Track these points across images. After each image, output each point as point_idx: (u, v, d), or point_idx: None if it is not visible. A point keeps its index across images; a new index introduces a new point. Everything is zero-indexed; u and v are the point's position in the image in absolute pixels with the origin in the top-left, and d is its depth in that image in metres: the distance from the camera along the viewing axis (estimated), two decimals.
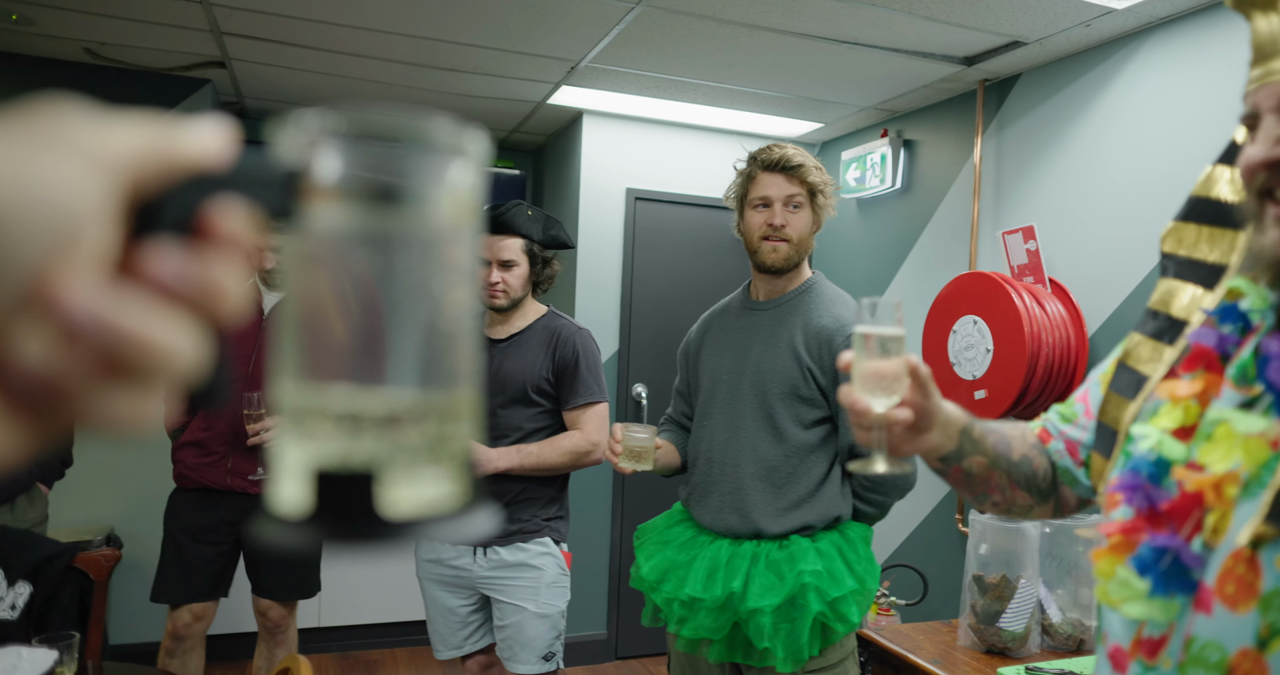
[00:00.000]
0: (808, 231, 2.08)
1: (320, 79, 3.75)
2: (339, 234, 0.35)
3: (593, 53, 3.30)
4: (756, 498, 2.00)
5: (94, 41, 3.39)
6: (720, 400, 2.11)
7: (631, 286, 4.15)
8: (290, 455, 0.35)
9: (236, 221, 0.33)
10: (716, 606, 1.94)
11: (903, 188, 3.85)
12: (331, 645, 4.16)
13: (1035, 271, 3.09)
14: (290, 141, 0.35)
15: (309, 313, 0.35)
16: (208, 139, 0.33)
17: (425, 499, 0.36)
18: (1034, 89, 3.26)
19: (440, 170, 0.36)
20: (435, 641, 2.66)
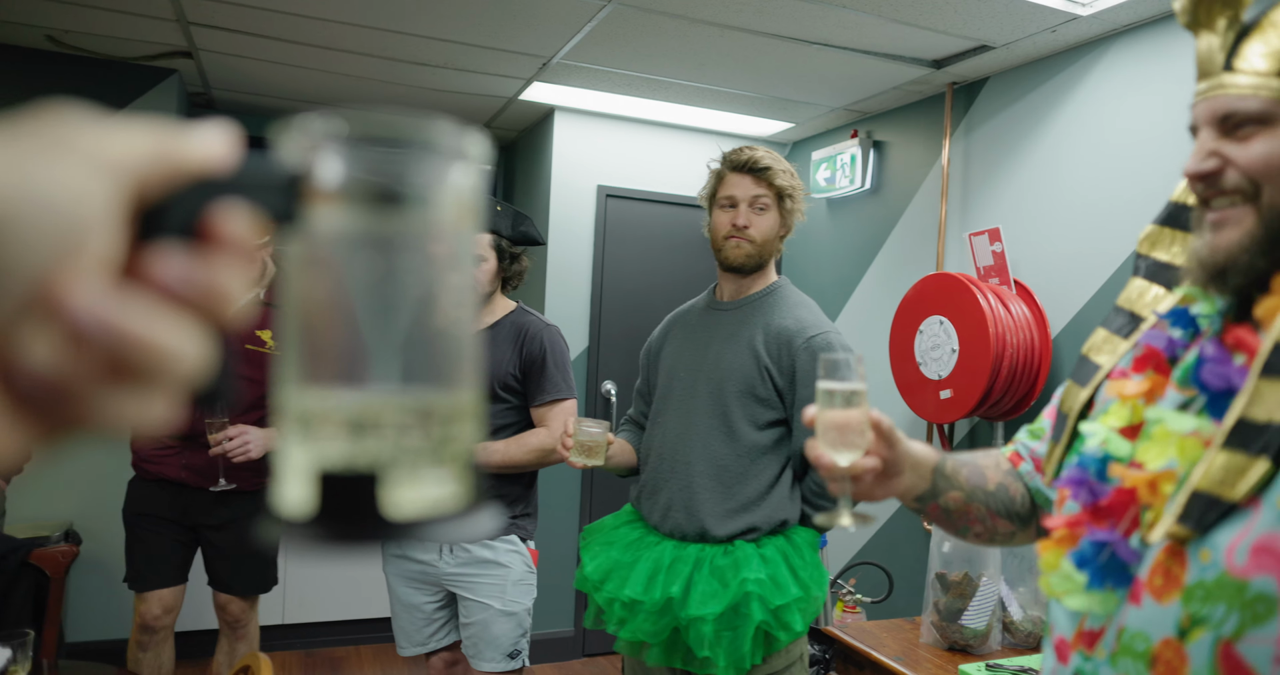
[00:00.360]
0: (773, 234, 2.08)
1: (289, 71, 3.71)
2: (342, 237, 0.35)
3: (565, 49, 3.30)
4: (705, 497, 1.99)
5: (57, 29, 3.33)
6: (676, 396, 2.11)
7: (602, 283, 4.15)
8: (294, 457, 0.35)
9: (240, 225, 0.33)
10: (656, 610, 1.93)
11: (872, 188, 3.88)
12: (296, 642, 4.12)
13: (1001, 273, 3.13)
14: (293, 145, 0.35)
15: (312, 316, 0.35)
16: (212, 143, 0.33)
17: (429, 499, 0.36)
18: (1001, 92, 3.30)
19: (442, 173, 0.36)
20: (399, 638, 2.65)
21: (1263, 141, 0.80)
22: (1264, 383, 0.75)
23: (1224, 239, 0.83)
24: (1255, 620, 0.69)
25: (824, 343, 1.98)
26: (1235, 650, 0.70)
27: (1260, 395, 0.74)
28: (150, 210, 0.32)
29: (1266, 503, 0.72)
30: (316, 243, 0.35)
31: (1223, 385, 0.82)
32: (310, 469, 0.35)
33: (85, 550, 3.54)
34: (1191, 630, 0.74)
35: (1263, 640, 0.69)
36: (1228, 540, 0.73)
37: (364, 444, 0.35)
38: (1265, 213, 0.80)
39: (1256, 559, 0.70)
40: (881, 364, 3.54)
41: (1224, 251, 0.83)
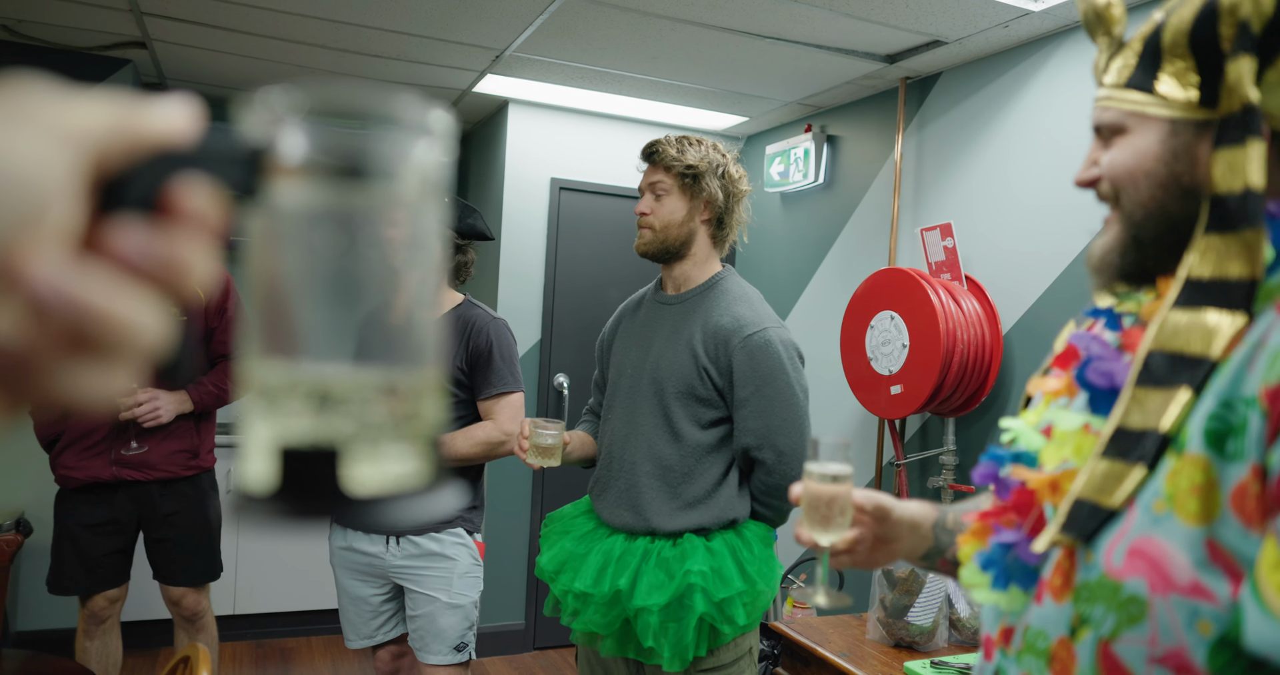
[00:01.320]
0: (675, 218, 2.02)
1: (242, 62, 3.67)
2: (304, 211, 0.35)
3: (517, 42, 3.26)
4: (651, 496, 1.97)
5: (11, 19, 3.29)
6: (622, 395, 2.09)
7: (555, 276, 4.13)
8: (257, 432, 0.35)
9: (201, 198, 0.33)
10: (605, 602, 1.92)
11: (825, 183, 3.89)
12: (247, 633, 4.10)
13: (952, 268, 3.14)
14: (255, 119, 0.34)
15: (274, 290, 0.35)
16: (173, 116, 0.33)
17: (391, 476, 0.36)
18: (954, 88, 3.31)
19: (405, 148, 0.36)
20: (347, 630, 2.63)
21: (1117, 150, 0.84)
22: (1140, 390, 0.76)
23: (1099, 241, 0.87)
24: (1130, 621, 0.70)
25: (761, 341, 1.94)
26: (1113, 650, 0.71)
27: (1137, 402, 0.76)
28: (110, 182, 0.32)
29: (1141, 505, 0.72)
30: (278, 217, 0.35)
31: (1107, 384, 0.84)
32: (272, 444, 0.35)
33: (35, 539, 3.52)
34: (1079, 630, 0.75)
35: (1136, 641, 0.70)
36: (1107, 542, 0.74)
37: (326, 419, 0.35)
38: (1124, 217, 0.84)
39: (1130, 561, 0.71)
40: (833, 360, 3.55)
41: (1097, 253, 0.87)
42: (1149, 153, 0.81)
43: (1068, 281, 2.83)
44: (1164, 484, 0.71)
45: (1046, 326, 2.89)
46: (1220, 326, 0.72)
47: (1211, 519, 0.67)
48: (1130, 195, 0.83)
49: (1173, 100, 0.80)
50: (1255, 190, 0.74)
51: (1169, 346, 0.75)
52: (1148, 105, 0.81)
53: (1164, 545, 0.69)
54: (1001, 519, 0.89)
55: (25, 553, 3.58)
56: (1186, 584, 0.67)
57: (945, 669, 2.24)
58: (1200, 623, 0.66)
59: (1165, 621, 0.68)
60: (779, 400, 1.92)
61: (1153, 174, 0.81)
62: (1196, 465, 0.69)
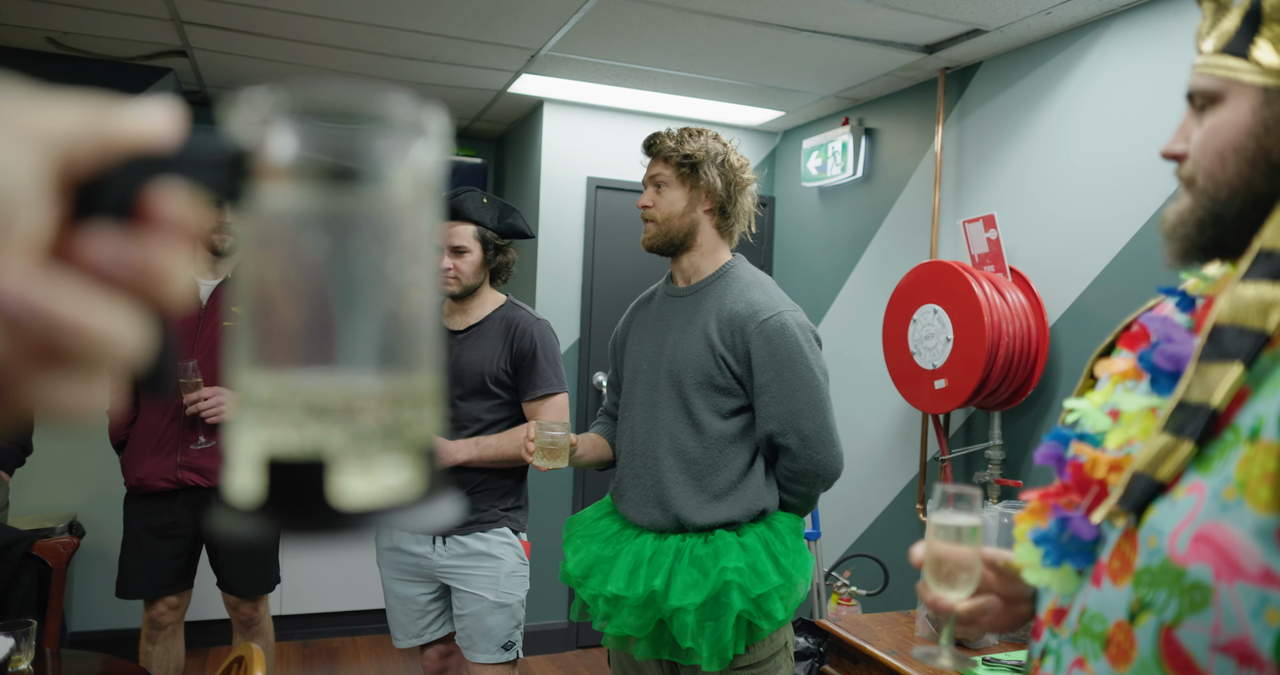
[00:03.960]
0: (676, 209, 2.01)
1: (280, 68, 3.71)
2: (293, 215, 0.34)
3: (552, 41, 3.27)
4: (677, 491, 1.95)
5: (56, 31, 3.35)
6: (640, 390, 2.07)
7: (593, 275, 4.13)
8: (245, 443, 0.34)
9: (180, 204, 0.32)
10: (639, 604, 1.90)
11: (864, 176, 3.85)
12: (294, 633, 4.14)
13: (996, 260, 3.10)
14: (242, 120, 0.33)
15: (262, 296, 0.34)
16: (152, 119, 0.32)
17: (383, 488, 0.35)
18: (995, 77, 3.26)
19: (398, 149, 0.35)
20: (394, 630, 2.65)
21: (1207, 127, 0.82)
22: (1203, 365, 0.75)
23: (1174, 207, 0.86)
24: (1193, 608, 0.70)
25: (777, 324, 1.92)
26: (1175, 636, 0.71)
27: (1199, 376, 0.75)
28: (83, 188, 0.31)
29: (1210, 491, 0.72)
30: (267, 221, 0.34)
31: (1172, 368, 0.83)
32: (260, 455, 0.34)
33: (89, 541, 3.59)
34: (1140, 614, 0.74)
35: (1200, 627, 0.69)
36: (1173, 526, 0.73)
37: (316, 429, 0.34)
38: (1203, 194, 0.82)
39: (1195, 547, 0.70)
40: (874, 354, 3.52)
41: (1171, 220, 0.85)
42: (1240, 126, 0.79)
43: (1116, 271, 2.78)
44: (1235, 471, 0.70)
45: (1094, 317, 2.84)
46: (1277, 299, 0.71)
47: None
48: (1216, 176, 0.80)
49: (1268, 67, 0.77)
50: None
51: (1234, 320, 0.74)
52: (1243, 72, 0.79)
53: (1232, 532, 0.68)
54: (1062, 499, 0.89)
55: (81, 555, 3.65)
56: (1257, 572, 0.66)
57: (997, 667, 2.21)
58: (1269, 611, 0.65)
59: (1230, 609, 0.67)
60: (799, 384, 1.90)
61: (1242, 150, 0.79)
62: (1270, 453, 0.68)
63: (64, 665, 2.21)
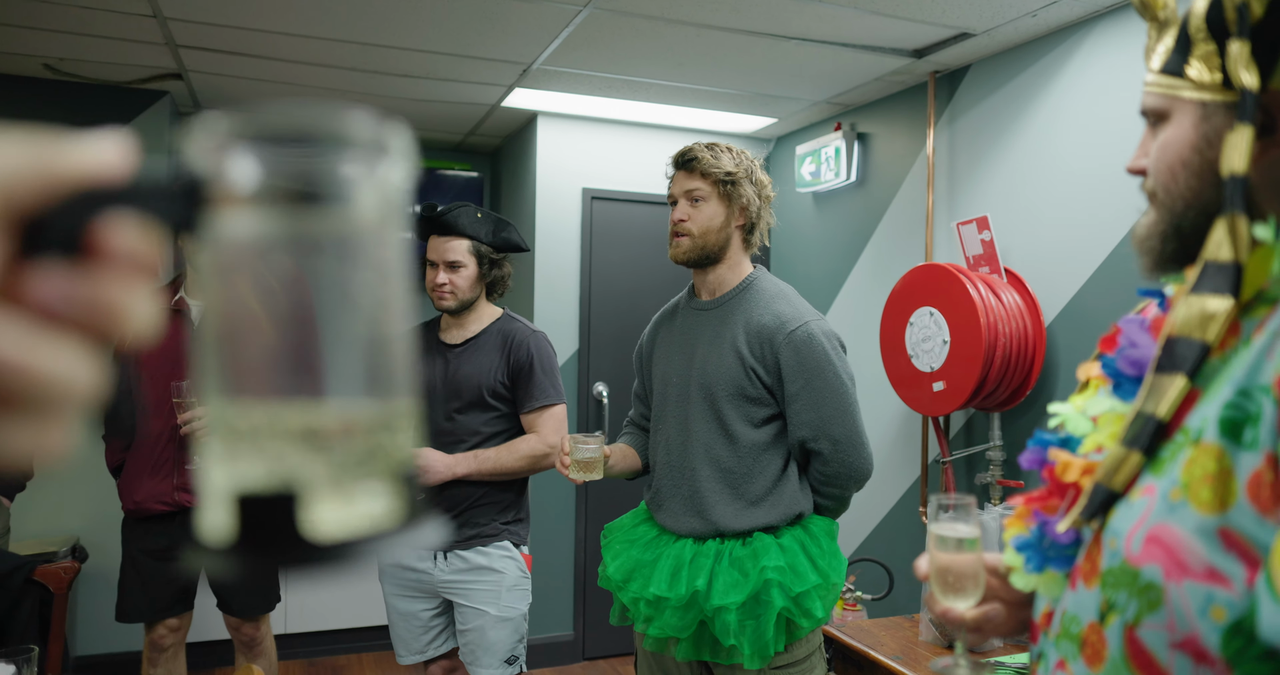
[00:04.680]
0: (714, 224, 2.04)
1: (275, 88, 3.73)
2: (255, 242, 0.33)
3: (544, 55, 3.28)
4: (714, 499, 1.99)
5: (53, 57, 3.39)
6: (672, 403, 2.10)
7: (590, 286, 4.14)
8: (215, 477, 0.33)
9: (132, 236, 0.31)
10: (681, 605, 1.93)
11: (858, 181, 3.86)
12: (299, 651, 4.14)
13: (991, 262, 3.11)
14: (197, 148, 0.33)
15: (227, 325, 0.33)
16: (100, 152, 0.31)
17: (359, 517, 0.34)
18: (984, 80, 3.28)
19: (360, 168, 0.34)
20: (398, 647, 2.65)
21: (1158, 143, 0.86)
22: (1157, 377, 0.77)
23: (1144, 220, 0.89)
24: (1149, 607, 0.71)
25: (804, 335, 1.96)
26: (1137, 636, 0.72)
27: (1154, 388, 0.77)
28: (30, 225, 0.30)
29: (1160, 493, 0.73)
30: (228, 249, 0.33)
31: (1136, 373, 0.85)
32: (230, 490, 0.33)
33: (92, 565, 3.59)
34: (1108, 615, 0.75)
35: (1157, 626, 0.70)
36: (1128, 528, 0.75)
37: (288, 459, 0.33)
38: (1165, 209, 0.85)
39: (1147, 548, 0.72)
40: (873, 358, 3.52)
41: (1141, 233, 0.88)
42: (1185, 141, 0.82)
43: (1110, 270, 2.79)
44: (1181, 472, 0.72)
45: (1090, 317, 2.84)
46: (1216, 310, 0.74)
47: (1227, 507, 0.67)
48: (1171, 190, 0.84)
49: (1201, 83, 0.81)
50: (1236, 175, 0.75)
51: (1182, 331, 0.76)
52: (1182, 89, 0.82)
53: (1179, 532, 0.70)
54: (1044, 504, 0.90)
55: (84, 578, 3.65)
56: (1201, 570, 0.67)
57: (1001, 669, 2.20)
58: (1214, 609, 0.66)
59: (1180, 608, 0.68)
60: (828, 391, 1.95)
61: (1189, 163, 0.82)
62: (1210, 454, 0.69)
63: None
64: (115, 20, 2.96)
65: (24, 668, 1.95)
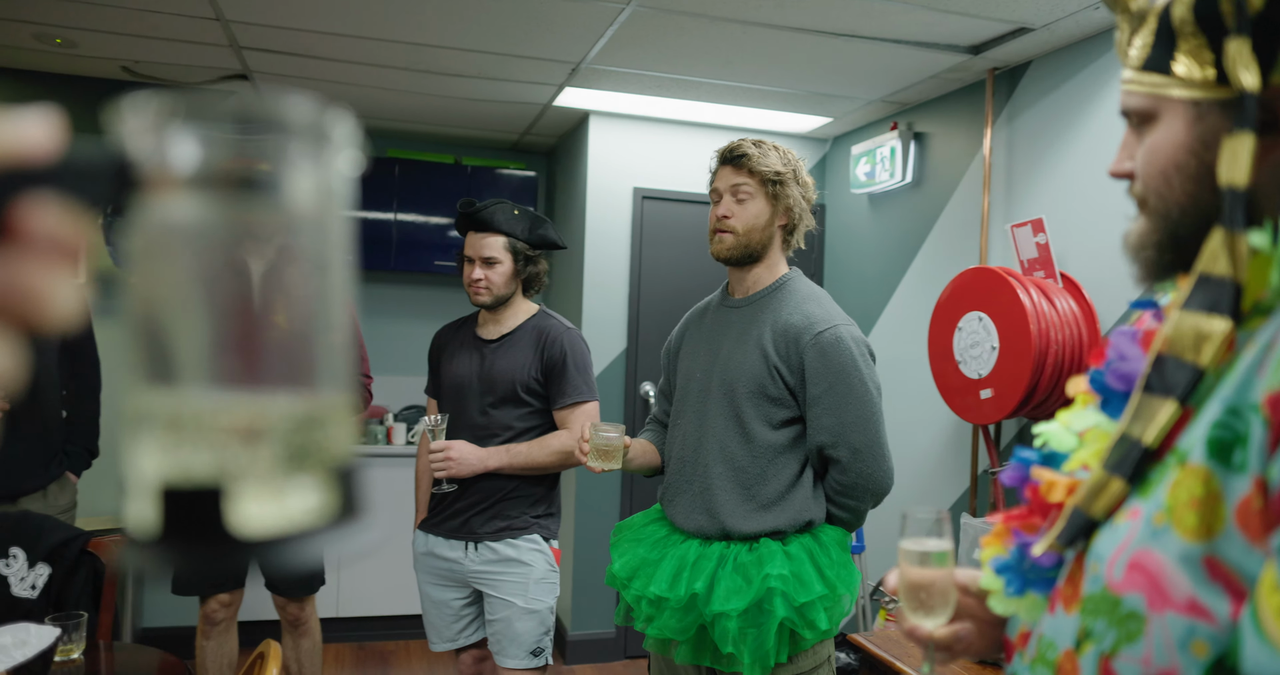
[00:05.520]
0: (759, 222, 2.02)
1: (336, 88, 3.84)
2: (185, 227, 0.32)
3: (591, 53, 3.30)
4: (725, 498, 1.96)
5: (130, 60, 3.56)
6: (692, 399, 2.08)
7: (639, 285, 4.14)
8: (139, 469, 0.32)
9: (54, 218, 0.30)
10: (681, 607, 1.91)
11: (914, 181, 3.78)
12: (349, 635, 4.25)
13: (1045, 265, 3.00)
14: (128, 128, 0.31)
15: (152, 312, 0.32)
16: (24, 130, 0.30)
17: (286, 513, 0.33)
18: (1045, 76, 3.17)
19: (299, 155, 0.33)
20: (430, 633, 2.70)
21: (1147, 145, 0.79)
22: (1145, 397, 0.72)
23: (1135, 227, 0.82)
24: (1128, 638, 0.67)
25: (832, 338, 1.92)
26: (1112, 667, 0.68)
27: (1141, 409, 0.72)
28: None
29: (1145, 517, 0.69)
30: (156, 233, 0.32)
31: (1124, 388, 0.80)
32: (154, 482, 0.32)
33: None
34: (1084, 643, 0.71)
35: (1132, 659, 0.66)
36: (1110, 552, 0.70)
37: (210, 453, 0.32)
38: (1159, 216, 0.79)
39: (1130, 575, 0.68)
40: (923, 364, 3.44)
41: (1134, 241, 0.82)
42: (1178, 143, 0.76)
43: None
44: (1166, 495, 0.67)
45: None
46: (1213, 331, 0.68)
47: (1213, 534, 0.62)
48: (1165, 196, 0.77)
49: (1191, 80, 0.74)
50: (1235, 188, 0.69)
51: (1172, 351, 0.71)
52: (1169, 87, 0.76)
53: (1162, 560, 0.65)
54: (1025, 523, 0.86)
55: None
56: (1183, 601, 0.63)
57: None
58: (1195, 643, 0.62)
59: (1160, 640, 0.64)
60: (852, 397, 1.91)
61: (1184, 167, 0.75)
62: (1197, 477, 0.64)
63: (115, 657, 2.31)
64: (182, 23, 3.08)
65: (73, 632, 2.06)
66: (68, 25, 3.16)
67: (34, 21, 3.13)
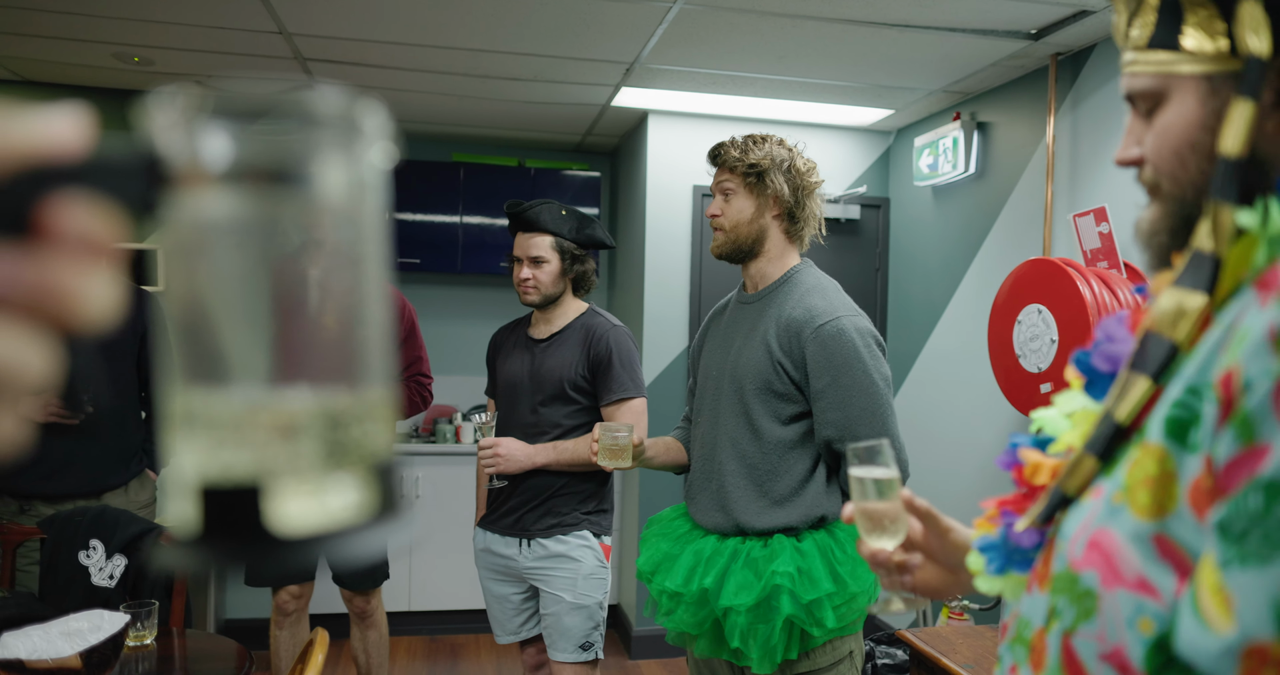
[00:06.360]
0: (744, 217, 2.02)
1: (397, 95, 3.95)
2: (219, 223, 0.32)
3: (644, 53, 3.33)
4: (738, 495, 1.97)
5: (203, 76, 3.74)
6: (708, 397, 2.10)
7: (700, 283, 4.15)
8: (181, 468, 0.32)
9: (85, 216, 0.29)
10: (694, 602, 1.93)
11: (977, 173, 3.69)
12: (421, 629, 4.36)
13: (1109, 256, 2.91)
14: (159, 124, 0.31)
15: (190, 311, 0.32)
16: (53, 127, 0.29)
17: (329, 511, 0.33)
18: (1110, 60, 3.06)
19: (332, 148, 0.32)
20: (494, 626, 2.77)
21: (1157, 127, 0.76)
22: (1130, 375, 0.71)
23: (1147, 214, 0.81)
24: (1084, 615, 0.67)
25: (834, 330, 1.90)
26: (1071, 644, 0.69)
27: (1125, 387, 0.71)
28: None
29: (1105, 496, 0.69)
30: (191, 231, 0.32)
31: (1110, 369, 0.80)
32: (195, 481, 0.32)
33: None
34: (1051, 621, 0.72)
35: (1089, 635, 0.67)
36: (1073, 531, 0.71)
37: (250, 451, 0.32)
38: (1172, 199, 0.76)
39: (1088, 553, 0.68)
40: (986, 358, 3.36)
41: (1146, 228, 0.81)
42: (1191, 120, 0.73)
43: None
44: (1125, 474, 0.68)
45: None
46: (1189, 307, 0.67)
47: (1165, 513, 0.63)
48: (1180, 178, 0.75)
49: (1202, 53, 0.72)
50: (1228, 157, 0.67)
51: (1155, 327, 0.70)
52: (1177, 63, 0.73)
53: (1116, 538, 0.66)
54: (1018, 506, 0.86)
55: None
56: (1133, 579, 0.64)
57: None
58: (1142, 620, 0.63)
59: (1112, 617, 0.65)
60: (856, 389, 1.88)
61: (1199, 145, 0.73)
62: (1152, 456, 0.65)
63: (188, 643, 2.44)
64: (248, 38, 3.23)
65: (144, 619, 2.19)
66: (145, 44, 3.34)
67: (114, 42, 3.32)
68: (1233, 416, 0.57)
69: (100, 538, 2.54)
